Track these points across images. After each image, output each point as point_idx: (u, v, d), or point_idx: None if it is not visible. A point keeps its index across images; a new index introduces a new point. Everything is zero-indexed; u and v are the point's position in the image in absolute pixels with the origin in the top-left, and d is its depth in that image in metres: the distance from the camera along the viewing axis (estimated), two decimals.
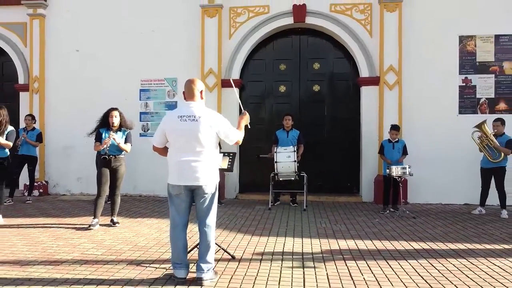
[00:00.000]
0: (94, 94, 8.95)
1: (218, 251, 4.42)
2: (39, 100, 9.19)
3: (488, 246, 5.09)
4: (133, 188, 8.88)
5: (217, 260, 4.26)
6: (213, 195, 3.81)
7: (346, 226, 6.17)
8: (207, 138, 3.70)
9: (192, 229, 5.20)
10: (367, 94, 8.51)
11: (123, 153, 6.10)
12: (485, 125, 7.19)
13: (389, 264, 4.34)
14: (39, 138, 8.32)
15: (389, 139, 7.50)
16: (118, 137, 5.96)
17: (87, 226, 5.88)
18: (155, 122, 8.85)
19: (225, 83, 8.65)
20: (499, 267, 4.27)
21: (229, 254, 4.50)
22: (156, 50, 8.93)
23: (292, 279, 3.85)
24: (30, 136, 8.14)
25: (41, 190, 9.00)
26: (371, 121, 8.45)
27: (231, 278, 3.86)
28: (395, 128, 7.43)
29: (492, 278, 3.94)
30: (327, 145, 8.88)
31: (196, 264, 3.79)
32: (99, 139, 6.00)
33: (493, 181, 7.17)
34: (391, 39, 8.25)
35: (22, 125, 8.41)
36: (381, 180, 7.69)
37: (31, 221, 6.38)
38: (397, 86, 8.26)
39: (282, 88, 9.11)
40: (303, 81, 9.06)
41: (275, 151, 7.67)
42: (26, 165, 8.21)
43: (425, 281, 3.85)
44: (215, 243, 4.05)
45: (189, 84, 3.83)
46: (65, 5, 9.25)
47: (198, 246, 3.91)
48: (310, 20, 8.58)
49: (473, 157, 7.51)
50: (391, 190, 7.31)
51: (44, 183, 9.13)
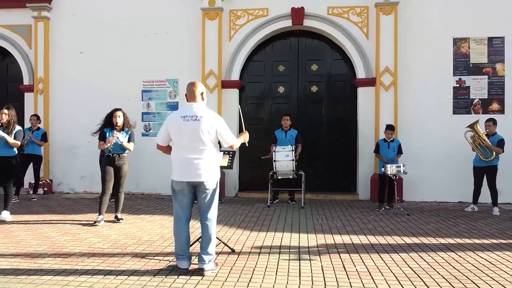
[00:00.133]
0: (98, 95, 9.15)
1: (218, 245, 4.64)
2: (43, 100, 9.41)
3: (477, 241, 5.30)
4: (135, 187, 9.09)
5: (218, 253, 4.47)
6: (214, 190, 4.03)
7: (342, 222, 6.39)
8: (209, 137, 3.92)
9: (194, 224, 5.42)
10: (364, 94, 8.72)
11: (126, 152, 6.30)
12: (478, 125, 7.39)
13: (381, 256, 4.56)
14: (44, 137, 8.52)
15: (384, 138, 7.69)
16: (121, 136, 6.16)
17: (92, 222, 6.11)
18: (157, 122, 9.07)
19: (225, 84, 8.88)
20: (485, 259, 4.48)
21: (229, 247, 4.72)
22: (158, 52, 9.15)
23: (288, 270, 4.07)
24: (35, 135, 8.34)
25: (45, 189, 9.22)
26: (367, 121, 8.66)
27: (231, 269, 4.09)
28: (390, 128, 7.62)
29: (478, 269, 4.15)
30: (324, 145, 9.10)
31: (198, 255, 4.01)
32: (103, 138, 6.17)
33: (485, 179, 7.38)
34: (387, 41, 8.45)
35: (27, 125, 8.60)
36: (377, 178, 7.88)
37: (38, 217, 6.60)
38: (393, 87, 8.46)
39: (281, 89, 9.32)
40: (301, 82, 9.27)
41: (273, 150, 7.87)
42: (31, 164, 8.43)
43: (414, 272, 4.07)
44: (216, 237, 4.27)
45: (191, 87, 4.07)
46: (70, 8, 9.47)
47: (200, 239, 4.13)
48: (308, 23, 8.79)
49: (466, 156, 7.69)
50: (386, 188, 7.49)
51: (48, 181, 9.36)
